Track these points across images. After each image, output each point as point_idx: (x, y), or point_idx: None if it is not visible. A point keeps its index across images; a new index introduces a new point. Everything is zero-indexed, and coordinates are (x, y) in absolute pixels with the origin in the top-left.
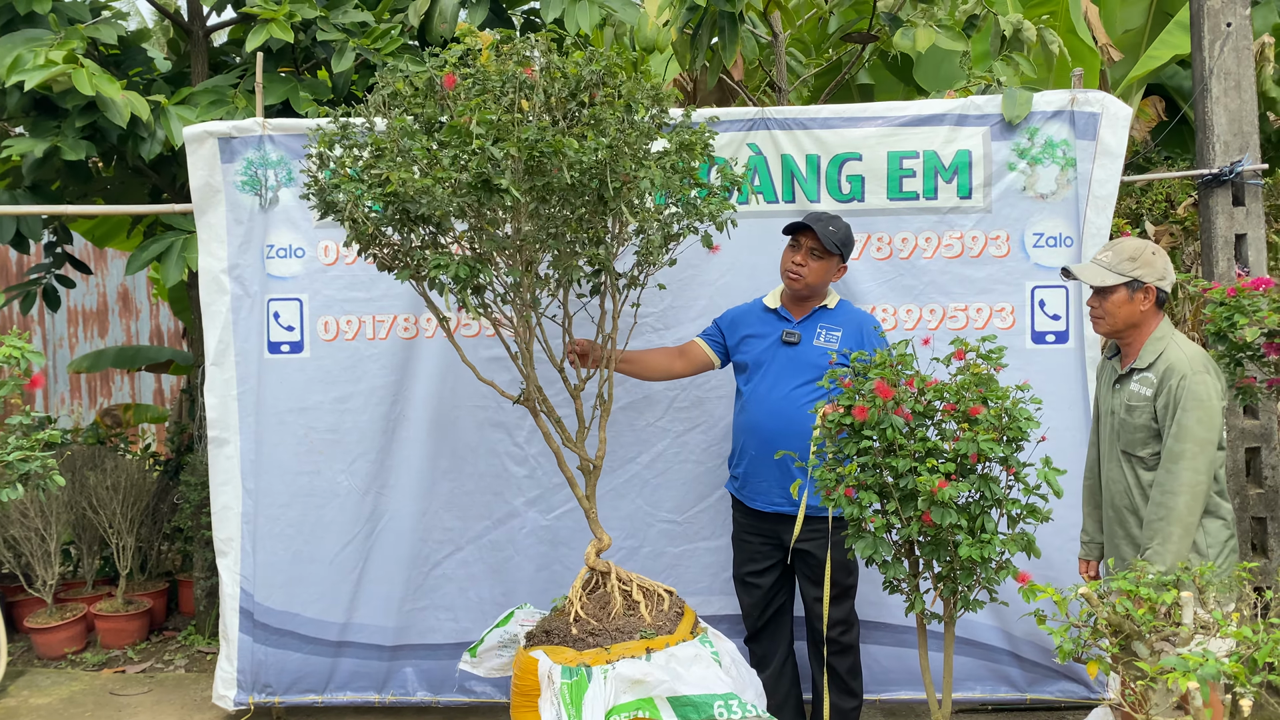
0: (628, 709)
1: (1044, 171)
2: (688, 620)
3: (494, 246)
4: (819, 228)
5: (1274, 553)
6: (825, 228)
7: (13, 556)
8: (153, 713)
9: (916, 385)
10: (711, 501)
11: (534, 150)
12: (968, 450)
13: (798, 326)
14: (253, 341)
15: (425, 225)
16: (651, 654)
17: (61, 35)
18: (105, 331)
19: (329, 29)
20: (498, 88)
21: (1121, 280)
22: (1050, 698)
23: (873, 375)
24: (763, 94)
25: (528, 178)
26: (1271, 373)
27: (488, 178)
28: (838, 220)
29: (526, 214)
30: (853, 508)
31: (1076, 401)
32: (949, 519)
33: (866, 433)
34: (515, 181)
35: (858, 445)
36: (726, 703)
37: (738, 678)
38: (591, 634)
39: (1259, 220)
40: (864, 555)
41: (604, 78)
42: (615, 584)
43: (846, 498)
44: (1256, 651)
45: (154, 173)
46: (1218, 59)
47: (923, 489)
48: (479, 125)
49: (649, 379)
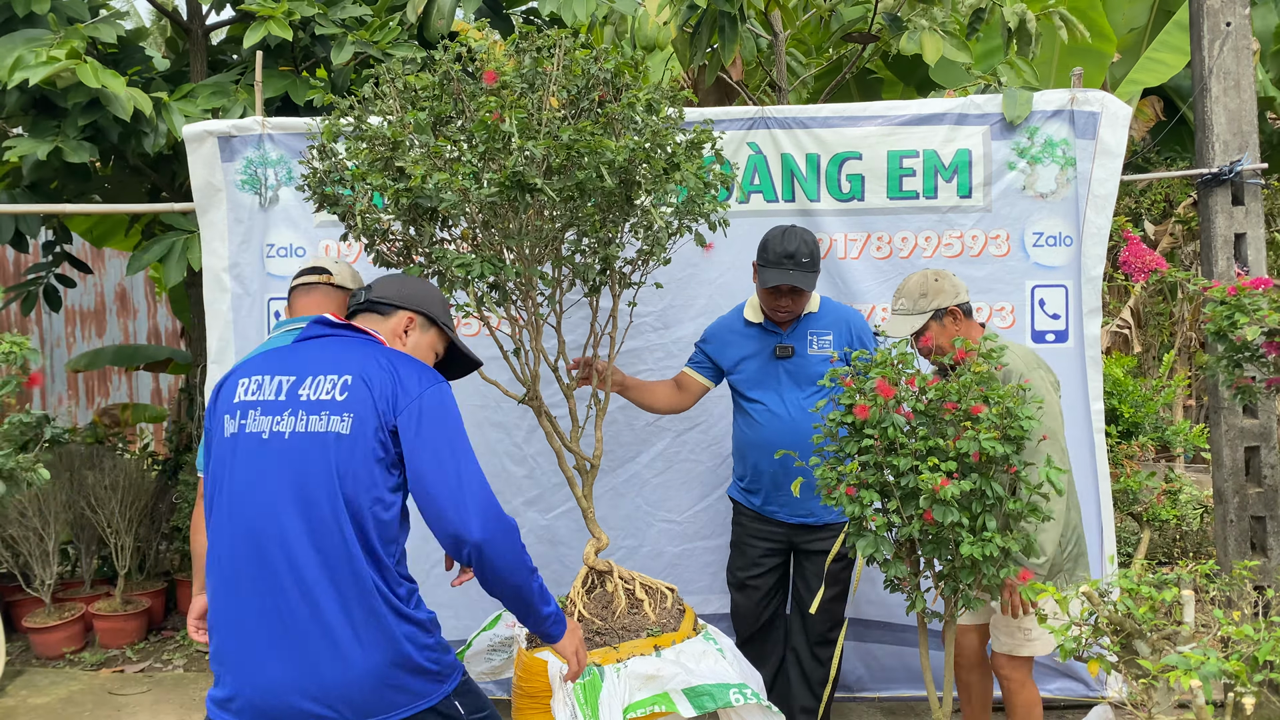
0: (644, 705)
1: (1044, 171)
2: (689, 618)
3: (513, 241)
4: (799, 279)
5: (1273, 551)
6: (805, 274)
7: (11, 556)
8: (151, 712)
9: (918, 384)
10: (711, 501)
11: (570, 149)
12: (969, 449)
13: (788, 339)
14: (253, 340)
15: (433, 221)
16: (660, 651)
17: (61, 35)
18: (103, 331)
19: (327, 24)
20: (517, 84)
21: (927, 317)
22: (1049, 695)
23: (874, 374)
24: (762, 93)
25: (558, 177)
26: (1270, 372)
27: (522, 177)
28: (803, 242)
29: (556, 213)
30: (854, 506)
31: (1077, 400)
32: (950, 517)
33: (868, 431)
34: (548, 181)
35: (858, 444)
36: (740, 690)
37: (743, 670)
38: (598, 633)
39: (1258, 219)
40: (864, 554)
41: (612, 76)
42: (619, 583)
43: (848, 496)
44: (1257, 650)
45: (153, 171)
46: (1217, 58)
47: (924, 487)
48: (512, 124)
49: (652, 410)
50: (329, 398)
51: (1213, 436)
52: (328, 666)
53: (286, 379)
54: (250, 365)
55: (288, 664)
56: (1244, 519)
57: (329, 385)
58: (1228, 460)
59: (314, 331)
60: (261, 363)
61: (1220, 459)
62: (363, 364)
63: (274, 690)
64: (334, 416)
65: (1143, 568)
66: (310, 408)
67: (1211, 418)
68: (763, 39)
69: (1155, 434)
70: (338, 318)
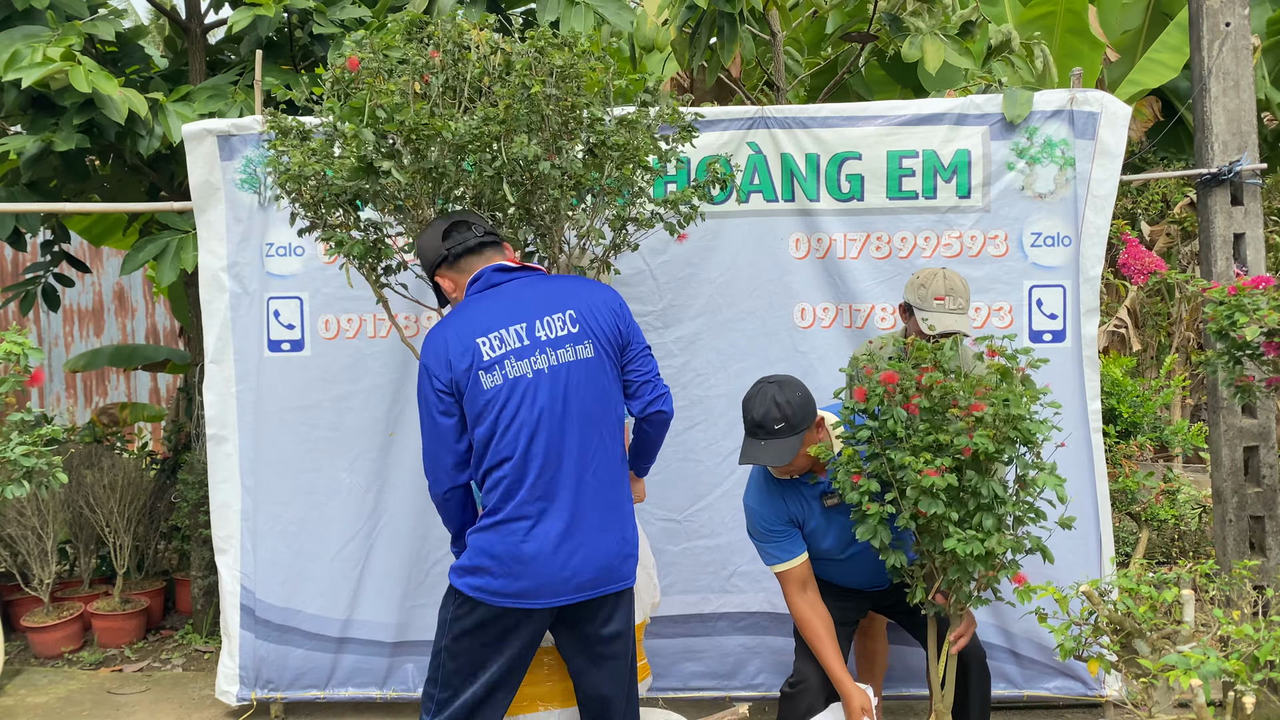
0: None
1: (1043, 171)
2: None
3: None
4: (772, 454)
5: (1271, 551)
6: (778, 444)
7: (9, 555)
8: (150, 711)
9: (927, 380)
10: (711, 500)
11: (413, 133)
12: (961, 443)
13: (828, 485)
14: (252, 339)
15: (346, 208)
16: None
17: (59, 32)
18: (101, 330)
19: (325, 23)
20: (380, 67)
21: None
22: (1047, 694)
23: (888, 366)
24: (760, 93)
25: (418, 159)
26: (1270, 371)
27: (371, 160)
28: (774, 403)
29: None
30: (854, 494)
31: (1074, 400)
32: (936, 509)
33: (869, 422)
34: (400, 164)
35: (854, 432)
36: None
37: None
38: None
39: (1257, 220)
40: (863, 540)
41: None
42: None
43: (852, 483)
44: (1258, 649)
45: (151, 170)
46: (1216, 59)
47: (911, 477)
48: (382, 109)
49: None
50: (565, 333)
51: (1211, 436)
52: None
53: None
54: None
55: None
56: (1243, 519)
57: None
58: (1226, 460)
59: (500, 279)
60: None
61: (1219, 459)
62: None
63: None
64: (577, 346)
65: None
66: (554, 344)
67: (1210, 417)
68: (762, 38)
69: (1153, 434)
70: (515, 262)
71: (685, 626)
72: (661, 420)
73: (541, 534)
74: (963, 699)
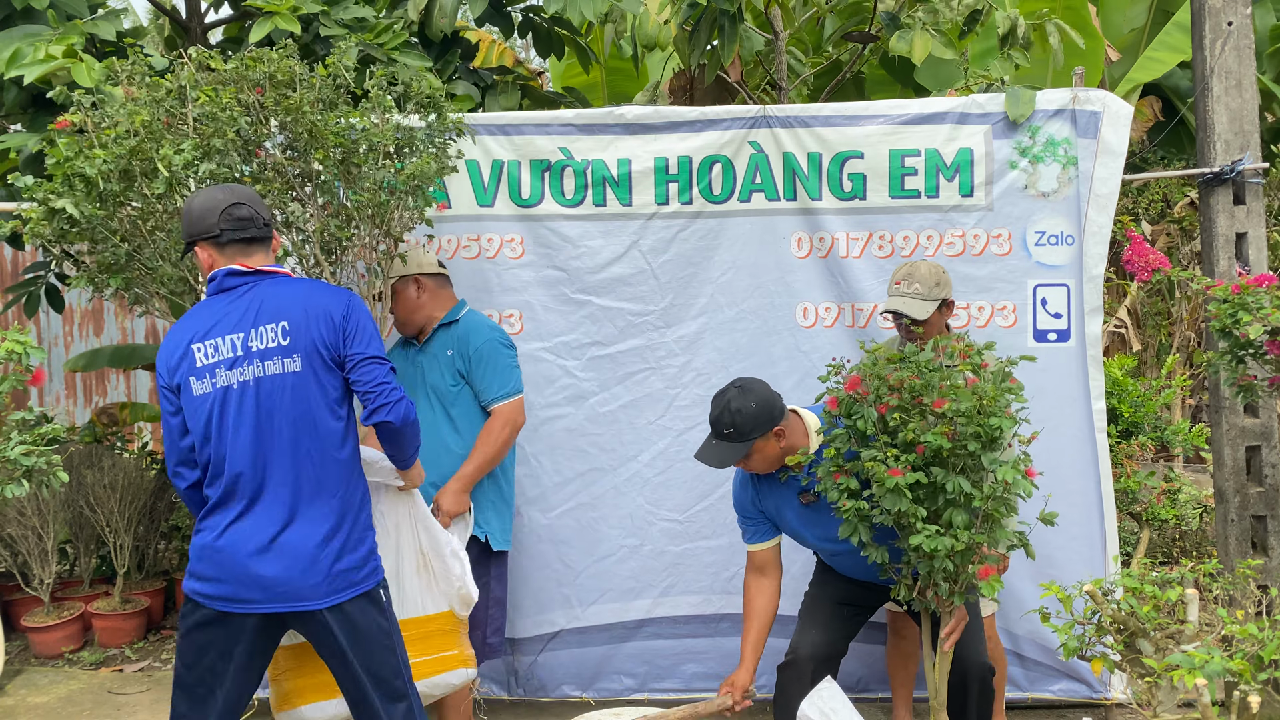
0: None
1: (1045, 170)
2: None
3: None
4: (719, 455)
5: (1274, 551)
6: (725, 449)
7: (9, 555)
8: (151, 711)
9: (894, 380)
10: (713, 500)
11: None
12: (929, 441)
13: (803, 482)
14: None
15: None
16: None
17: (60, 31)
18: (100, 330)
19: (330, 24)
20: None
21: (937, 304)
22: (1052, 696)
23: (856, 370)
24: (762, 92)
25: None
26: (1273, 370)
27: (61, 195)
28: (725, 409)
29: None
30: (834, 492)
31: (1078, 399)
32: (901, 505)
33: (845, 422)
34: (80, 201)
35: (832, 435)
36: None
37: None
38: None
39: (1259, 219)
40: (843, 537)
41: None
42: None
43: (833, 481)
44: (1262, 649)
45: None
46: (1219, 58)
47: (876, 475)
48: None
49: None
50: (275, 344)
51: (1214, 436)
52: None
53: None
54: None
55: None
56: (1245, 518)
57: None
58: (1229, 460)
59: (231, 283)
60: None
61: (1221, 458)
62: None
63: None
64: (285, 359)
65: (1144, 567)
66: (264, 355)
67: (1212, 417)
68: (761, 37)
69: (1154, 434)
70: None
71: (687, 627)
72: (389, 430)
73: (239, 540)
74: (960, 706)
